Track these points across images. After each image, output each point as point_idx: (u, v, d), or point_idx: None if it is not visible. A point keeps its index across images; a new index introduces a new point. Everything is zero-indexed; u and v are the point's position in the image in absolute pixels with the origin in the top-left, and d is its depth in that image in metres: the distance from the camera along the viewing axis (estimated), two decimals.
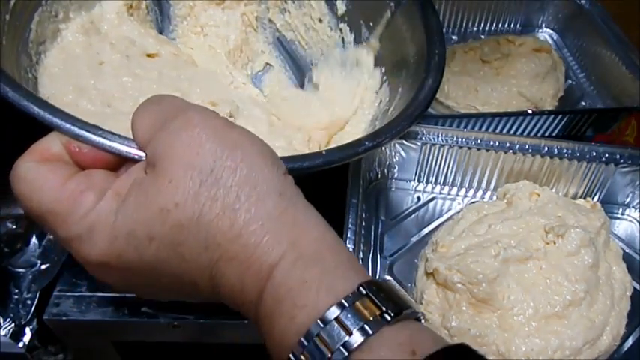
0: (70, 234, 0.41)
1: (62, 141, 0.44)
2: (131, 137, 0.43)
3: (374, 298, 0.36)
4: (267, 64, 0.86)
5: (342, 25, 0.77)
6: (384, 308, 0.35)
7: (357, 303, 0.35)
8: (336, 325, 0.34)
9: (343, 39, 0.77)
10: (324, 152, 0.50)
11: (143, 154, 0.42)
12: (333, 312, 0.35)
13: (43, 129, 0.45)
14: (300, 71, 0.84)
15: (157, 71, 0.71)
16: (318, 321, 0.35)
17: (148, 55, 0.74)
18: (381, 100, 0.70)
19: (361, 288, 0.36)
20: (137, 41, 0.74)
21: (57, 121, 0.44)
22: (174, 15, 0.83)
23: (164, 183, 0.39)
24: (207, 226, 0.38)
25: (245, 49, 0.85)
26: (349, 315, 0.35)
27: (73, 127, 0.44)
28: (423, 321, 0.65)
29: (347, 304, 0.35)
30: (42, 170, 0.42)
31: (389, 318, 0.35)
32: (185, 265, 0.40)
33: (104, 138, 0.44)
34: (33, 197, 0.41)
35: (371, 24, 0.73)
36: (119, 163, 0.45)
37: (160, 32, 0.81)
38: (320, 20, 0.79)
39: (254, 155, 0.40)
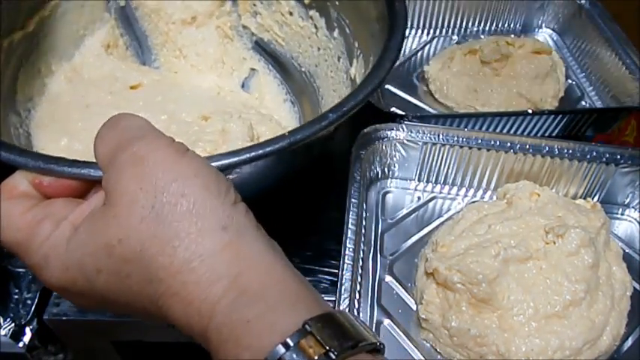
0: (31, 262, 0.42)
1: (28, 178, 0.45)
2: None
3: (317, 336, 0.35)
4: (251, 69, 0.87)
5: (311, 13, 0.78)
6: (327, 347, 0.35)
7: (302, 342, 0.35)
8: None
9: (315, 25, 0.78)
10: (286, 133, 0.49)
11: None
12: (278, 352, 0.34)
13: None
14: (284, 68, 0.85)
15: (141, 100, 0.73)
16: None
17: (132, 87, 0.75)
18: (358, 74, 0.70)
19: (306, 325, 0.35)
20: (120, 77, 0.76)
21: (18, 159, 0.45)
22: (153, 45, 0.85)
23: (109, 218, 0.39)
24: (149, 261, 0.38)
25: (226, 59, 0.87)
26: (294, 355, 0.34)
27: (37, 163, 0.45)
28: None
29: (292, 344, 0.34)
30: (6, 205, 0.43)
31: (333, 356, 0.35)
32: (133, 296, 0.40)
33: (66, 166, 0.45)
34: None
35: (337, 3, 0.74)
36: (87, 188, 0.46)
37: (144, 64, 0.83)
38: (290, 13, 0.80)
39: (197, 188, 0.39)
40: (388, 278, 0.71)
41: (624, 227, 0.79)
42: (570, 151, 0.76)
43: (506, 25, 1.13)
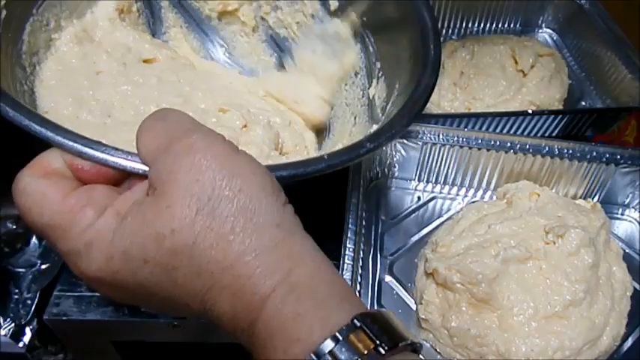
0: (68, 248, 0.41)
1: (65, 158, 0.44)
2: (133, 150, 0.43)
3: (368, 331, 0.36)
4: (262, 61, 0.85)
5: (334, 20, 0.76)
6: (377, 342, 0.35)
7: (351, 336, 0.35)
8: (330, 359, 0.34)
9: None
10: (325, 157, 0.50)
11: (147, 168, 0.42)
12: (327, 345, 0.35)
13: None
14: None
15: (156, 77, 0.71)
16: (312, 355, 0.35)
17: (145, 61, 0.74)
18: (378, 96, 0.70)
19: (355, 320, 0.36)
20: (132, 47, 0.73)
21: (59, 139, 0.44)
22: (166, 17, 0.83)
23: (162, 208, 0.39)
24: (201, 254, 0.38)
25: (239, 47, 0.85)
26: (343, 349, 0.35)
27: (75, 145, 0.44)
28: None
29: (341, 338, 0.35)
30: (42, 184, 0.42)
31: (383, 351, 0.35)
32: (177, 289, 0.40)
33: (107, 154, 0.44)
34: (33, 211, 0.42)
35: (364, 19, 0.73)
36: (122, 177, 0.45)
37: (153, 35, 0.81)
38: (312, 16, 0.78)
39: (253, 185, 0.40)
40: (388, 278, 0.71)
41: (624, 227, 0.79)
42: (570, 151, 0.76)
43: (506, 25, 1.13)
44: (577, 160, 0.76)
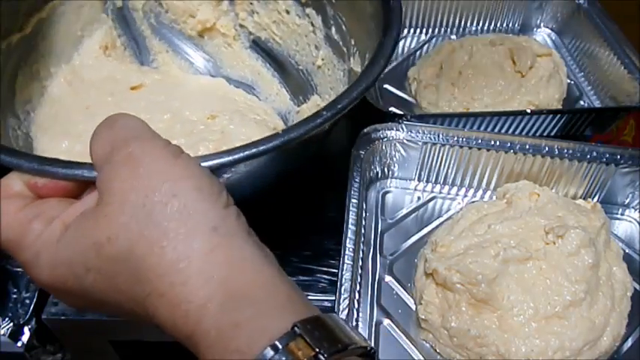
0: (23, 259, 0.42)
1: (23, 179, 0.45)
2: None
3: (307, 338, 0.35)
4: (250, 67, 0.87)
5: (308, 10, 0.78)
6: (317, 349, 0.35)
7: (291, 344, 0.34)
8: None
9: (312, 23, 0.78)
10: (280, 132, 0.48)
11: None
12: (267, 355, 0.34)
13: None
14: (281, 66, 0.85)
15: (144, 101, 0.74)
16: None
17: (133, 88, 0.76)
18: (356, 72, 0.70)
19: (295, 328, 0.35)
20: (120, 78, 0.76)
21: (13, 161, 0.45)
22: (151, 45, 0.85)
23: (100, 217, 0.39)
24: (138, 261, 0.38)
25: (224, 58, 0.87)
26: (283, 358, 0.34)
27: (30, 164, 0.45)
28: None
29: (280, 346, 0.34)
30: (2, 204, 0.43)
31: (322, 359, 0.34)
32: (121, 295, 0.40)
33: (59, 167, 0.45)
34: None
35: (333, 1, 0.74)
36: (80, 189, 0.46)
37: (142, 64, 0.84)
38: (287, 12, 0.80)
39: (189, 189, 0.39)
40: (388, 278, 0.70)
41: (624, 227, 0.79)
42: (570, 151, 0.76)
43: (504, 24, 1.13)
44: (577, 160, 0.76)
